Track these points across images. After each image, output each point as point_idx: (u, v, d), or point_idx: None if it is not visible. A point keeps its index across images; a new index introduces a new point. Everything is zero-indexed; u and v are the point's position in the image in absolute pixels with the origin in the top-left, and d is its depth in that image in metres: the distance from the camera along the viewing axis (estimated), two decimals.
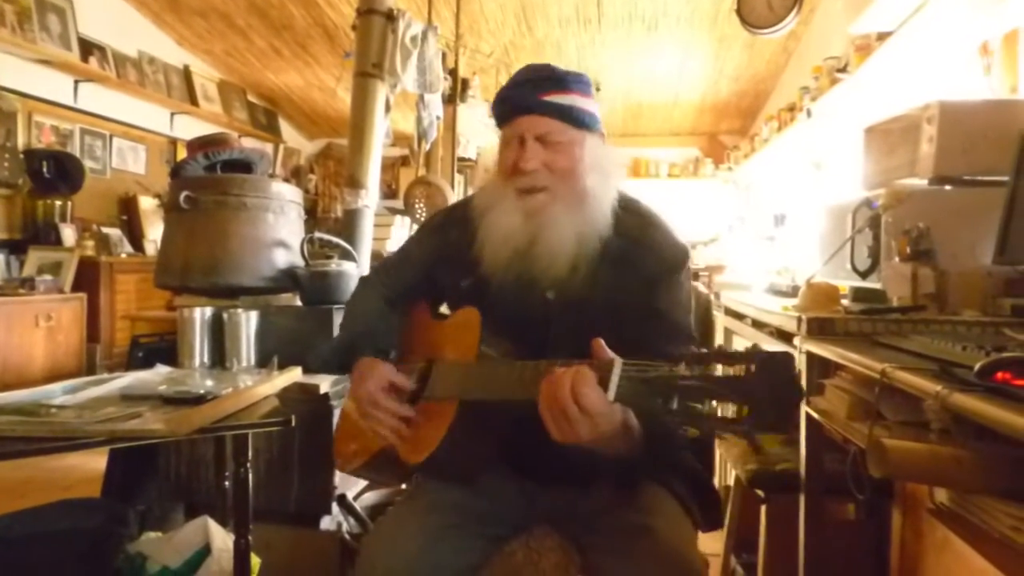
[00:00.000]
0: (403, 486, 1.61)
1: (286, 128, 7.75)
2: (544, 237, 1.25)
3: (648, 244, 1.29)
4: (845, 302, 1.81)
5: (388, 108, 2.95)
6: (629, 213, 1.32)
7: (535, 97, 1.25)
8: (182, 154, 5.26)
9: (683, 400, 0.85)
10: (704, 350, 0.87)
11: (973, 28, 2.29)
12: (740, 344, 2.93)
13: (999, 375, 0.93)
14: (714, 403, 0.83)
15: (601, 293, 1.26)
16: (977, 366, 0.95)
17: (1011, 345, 1.17)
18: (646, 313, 1.24)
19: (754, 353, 0.83)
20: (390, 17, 2.86)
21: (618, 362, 0.93)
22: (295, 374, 1.88)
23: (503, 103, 1.30)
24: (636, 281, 1.26)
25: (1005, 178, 1.57)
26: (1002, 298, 1.60)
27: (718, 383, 0.83)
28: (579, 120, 1.27)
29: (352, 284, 2.11)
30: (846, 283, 1.98)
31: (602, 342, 0.98)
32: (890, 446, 0.97)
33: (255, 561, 1.79)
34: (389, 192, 7.44)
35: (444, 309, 1.51)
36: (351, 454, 1.43)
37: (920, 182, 1.85)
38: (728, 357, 0.84)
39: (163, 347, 2.47)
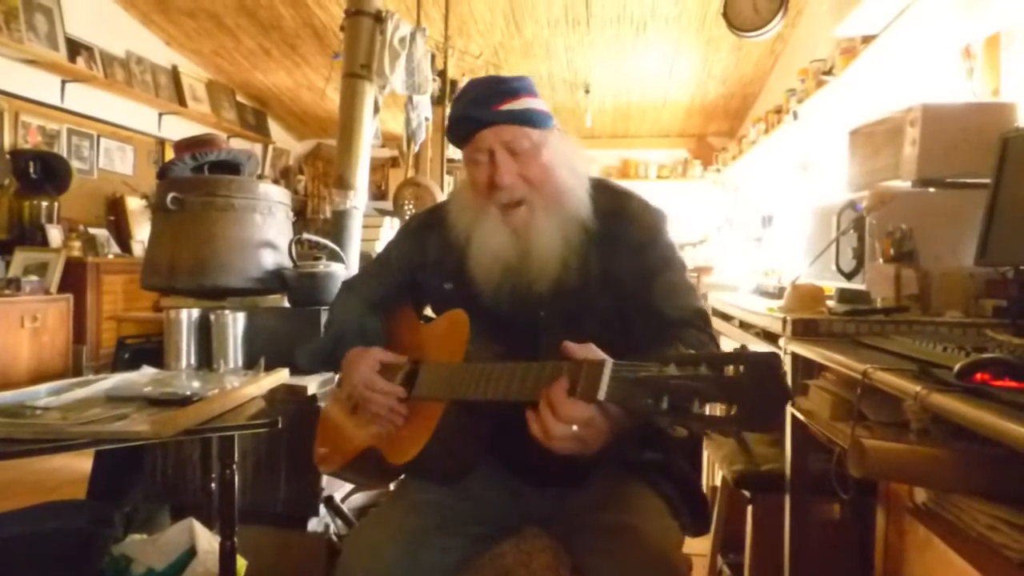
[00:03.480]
0: (391, 486, 1.61)
1: (275, 128, 7.72)
2: (534, 250, 1.27)
3: (626, 213, 1.32)
4: (830, 303, 1.82)
5: (377, 109, 2.95)
6: (600, 192, 1.35)
7: (490, 110, 1.25)
8: (170, 154, 5.24)
9: (673, 400, 0.85)
10: (692, 351, 0.88)
11: (956, 32, 2.31)
12: (727, 345, 2.94)
13: (978, 376, 0.94)
14: (702, 403, 0.83)
15: (594, 277, 1.28)
16: (956, 367, 0.96)
17: (991, 346, 1.19)
18: (642, 279, 1.26)
19: (742, 354, 0.83)
20: (378, 18, 2.86)
21: (608, 362, 0.92)
22: (282, 375, 1.87)
23: (461, 123, 1.30)
24: (624, 252, 1.28)
25: (986, 180, 1.58)
26: (984, 299, 1.62)
27: (707, 382, 0.83)
28: (537, 122, 1.28)
29: (339, 285, 2.11)
30: (831, 284, 2.00)
31: (592, 346, 0.98)
32: (869, 446, 0.98)
33: (241, 563, 1.79)
34: (378, 193, 7.44)
35: (429, 312, 1.51)
36: (332, 454, 1.42)
37: (903, 184, 1.87)
38: (717, 359, 0.84)
39: (150, 348, 2.46)
